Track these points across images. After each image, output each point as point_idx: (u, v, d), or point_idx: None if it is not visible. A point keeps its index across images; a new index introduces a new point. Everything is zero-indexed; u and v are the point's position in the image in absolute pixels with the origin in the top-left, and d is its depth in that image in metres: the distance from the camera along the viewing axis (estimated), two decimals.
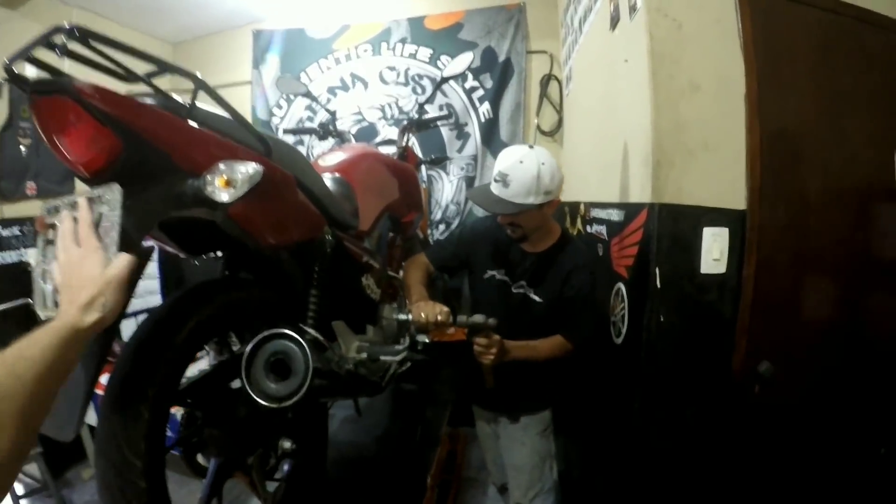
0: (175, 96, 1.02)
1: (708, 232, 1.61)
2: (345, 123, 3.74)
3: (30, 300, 0.89)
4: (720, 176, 1.62)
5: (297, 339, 1.04)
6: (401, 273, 2.16)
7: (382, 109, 3.77)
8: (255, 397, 1.02)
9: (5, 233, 3.02)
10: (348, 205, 1.68)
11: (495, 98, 3.55)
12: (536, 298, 1.87)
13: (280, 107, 3.96)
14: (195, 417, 1.19)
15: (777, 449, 1.69)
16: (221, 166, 0.96)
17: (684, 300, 1.63)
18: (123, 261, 0.79)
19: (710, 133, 1.62)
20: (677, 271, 1.62)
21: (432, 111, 3.29)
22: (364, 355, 1.48)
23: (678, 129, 1.62)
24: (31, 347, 0.67)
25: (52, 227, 0.86)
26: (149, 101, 0.98)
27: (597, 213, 2.28)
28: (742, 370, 1.64)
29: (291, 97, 3.89)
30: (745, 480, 1.68)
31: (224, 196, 0.94)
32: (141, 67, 0.93)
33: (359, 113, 3.80)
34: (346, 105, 3.80)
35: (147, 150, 0.90)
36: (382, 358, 1.50)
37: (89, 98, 0.82)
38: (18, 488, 2.61)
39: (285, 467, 1.44)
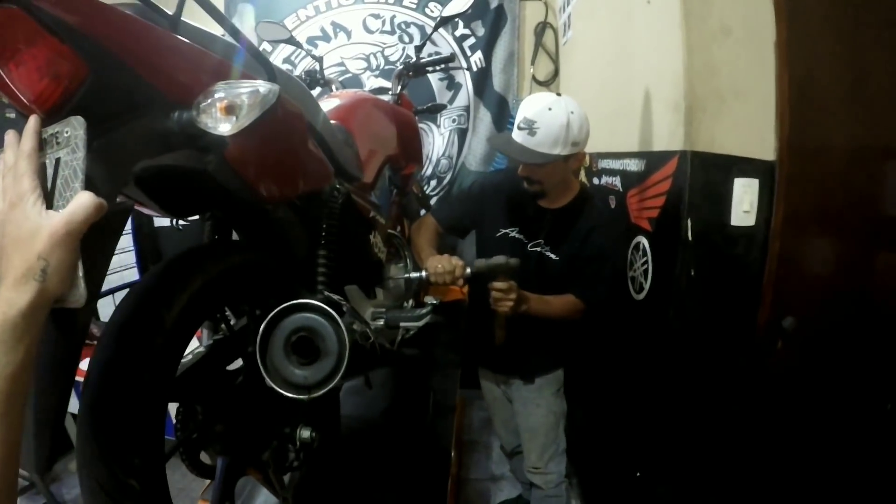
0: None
1: (739, 183, 1.52)
2: (328, 75, 3.53)
3: None
4: (751, 125, 1.53)
5: (325, 311, 0.84)
6: (398, 230, 2.03)
7: (367, 59, 3.56)
8: (278, 389, 0.83)
9: None
10: (351, 154, 1.50)
11: (487, 47, 3.37)
12: (553, 257, 1.78)
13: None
14: (193, 411, 0.95)
15: (793, 405, 1.65)
16: (220, 88, 0.74)
17: (714, 253, 1.56)
18: (78, 208, 0.54)
19: (741, 79, 1.53)
20: (708, 223, 1.54)
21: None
22: (381, 322, 1.30)
23: (710, 73, 1.52)
24: None
25: None
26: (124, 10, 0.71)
27: (608, 163, 2.18)
28: (766, 325, 1.59)
29: (269, 48, 3.64)
30: (765, 438, 1.65)
31: (225, 127, 0.72)
32: None
33: (342, 64, 3.58)
34: (328, 56, 3.55)
35: (121, 74, 0.65)
36: (403, 325, 1.33)
37: (42, 3, 0.57)
38: None
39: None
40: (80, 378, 0.68)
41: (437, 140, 3.57)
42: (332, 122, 1.53)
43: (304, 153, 1.03)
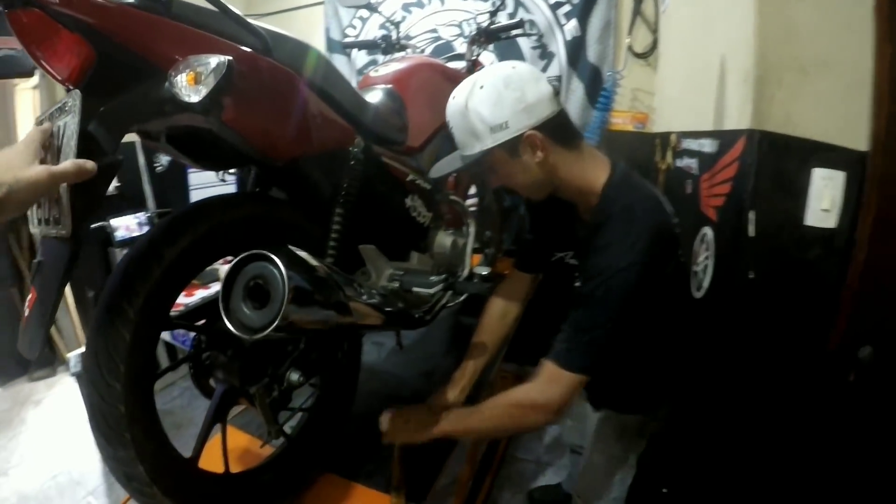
0: None
1: (818, 174, 1.30)
2: (420, 42, 3.51)
3: (105, 223, 0.84)
4: (839, 104, 1.29)
5: (271, 259, 0.88)
6: (467, 202, 1.98)
7: (460, 26, 3.47)
8: (229, 327, 0.88)
9: None
10: (396, 118, 1.54)
11: (583, 14, 3.15)
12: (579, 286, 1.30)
13: (354, 27, 3.75)
14: (201, 340, 1.13)
15: (862, 443, 1.40)
16: (185, 61, 0.84)
17: (780, 255, 1.35)
18: (60, 168, 0.71)
19: (829, 47, 1.28)
20: (776, 218, 1.33)
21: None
22: (396, 284, 1.34)
23: (788, 37, 1.30)
24: None
25: None
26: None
27: (688, 143, 1.96)
28: (838, 350, 1.36)
29: (365, 16, 3.68)
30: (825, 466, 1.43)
31: (193, 96, 0.82)
32: None
33: (434, 30, 3.53)
34: (421, 22, 3.54)
35: (122, 54, 0.81)
36: (415, 290, 1.34)
37: (51, 4, 0.74)
38: None
39: (302, 399, 1.36)
40: None
41: None
42: (383, 86, 1.54)
43: (302, 113, 1.09)
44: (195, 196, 3.65)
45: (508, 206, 2.96)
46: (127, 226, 3.27)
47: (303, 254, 0.98)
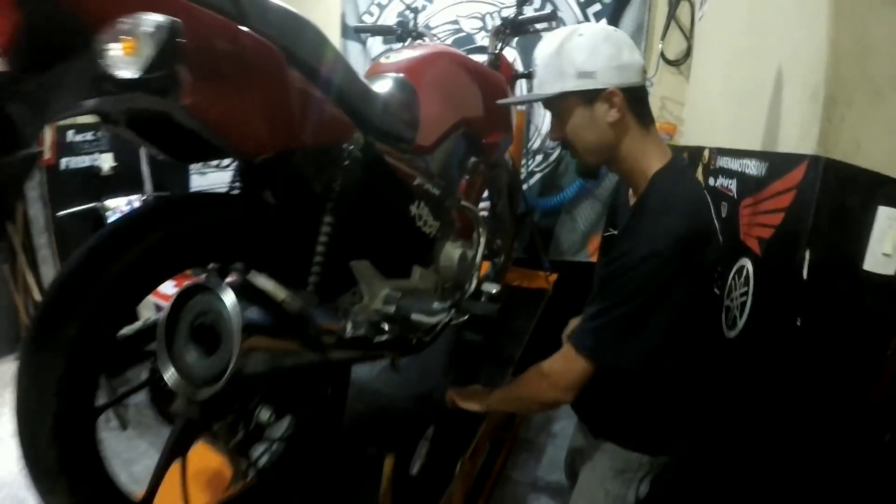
0: None
1: (884, 213, 1.12)
2: (440, 33, 3.35)
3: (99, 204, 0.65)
4: None
5: (218, 293, 0.72)
6: (479, 206, 1.84)
7: (482, 19, 3.30)
8: (173, 377, 0.73)
9: (77, 138, 3.05)
10: (405, 112, 1.36)
11: (614, 15, 2.99)
12: None
13: (371, 14, 3.58)
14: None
15: None
16: (120, 24, 0.64)
17: (833, 302, 1.17)
18: None
19: None
20: (833, 261, 1.15)
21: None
22: (391, 309, 1.18)
23: (864, 53, 1.12)
24: None
25: None
26: None
27: (725, 162, 1.78)
28: (881, 405, 1.20)
29: (384, 3, 3.51)
30: None
31: (126, 70, 0.63)
32: None
33: (455, 21, 3.36)
34: (443, 13, 3.38)
35: (59, 17, 0.63)
36: (414, 317, 1.18)
37: None
38: None
39: (274, 435, 1.19)
40: None
41: (548, 113, 3.26)
42: (393, 74, 1.38)
43: (284, 99, 0.89)
44: (196, 179, 3.49)
45: (522, 212, 2.82)
46: (121, 208, 3.12)
47: (266, 282, 0.80)
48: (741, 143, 1.68)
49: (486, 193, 2.24)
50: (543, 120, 3.28)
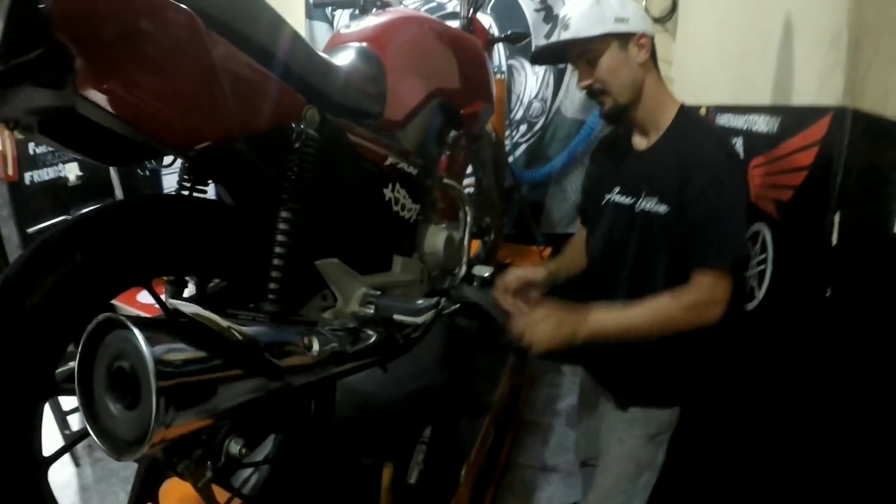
0: None
1: None
2: (409, 3, 3.19)
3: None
4: None
5: (130, 328, 0.59)
6: (464, 184, 1.78)
7: None
8: (94, 437, 0.60)
9: (40, 150, 2.87)
10: (369, 85, 1.25)
11: None
12: (660, 210, 1.25)
13: None
14: None
15: None
16: None
17: (864, 268, 1.09)
18: None
19: None
20: (865, 224, 1.06)
21: None
22: (370, 310, 1.08)
23: None
24: None
25: None
26: None
27: (728, 119, 1.65)
28: None
29: None
30: None
31: None
32: None
33: None
34: None
35: None
36: (397, 318, 1.08)
37: None
38: None
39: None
40: None
41: (529, 79, 3.14)
42: (355, 44, 1.25)
43: (211, 76, 0.76)
44: (168, 180, 3.32)
45: (509, 186, 2.71)
46: None
47: (195, 310, 0.67)
48: (745, 98, 1.58)
49: (469, 169, 2.17)
50: (525, 87, 3.17)
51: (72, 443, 0.89)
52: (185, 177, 0.94)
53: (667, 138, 1.27)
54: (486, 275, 1.42)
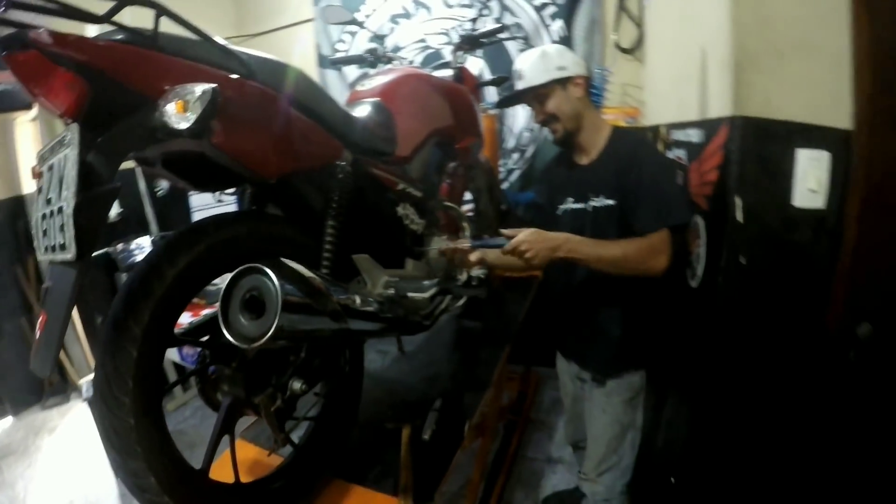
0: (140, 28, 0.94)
1: (803, 155, 1.31)
2: (410, 52, 3.56)
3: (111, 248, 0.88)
4: (820, 85, 1.31)
5: (265, 272, 0.92)
6: (463, 206, 2.03)
7: (447, 34, 3.51)
8: (229, 337, 0.91)
9: None
10: (383, 130, 1.57)
11: (568, 14, 3.19)
12: (609, 203, 1.57)
13: (343, 41, 3.79)
14: (206, 355, 1.16)
15: (864, 424, 1.41)
16: (173, 91, 0.89)
17: (770, 238, 1.37)
18: None
19: (806, 31, 1.31)
20: (763, 203, 1.35)
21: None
22: (391, 291, 1.38)
23: (764, 23, 1.33)
24: None
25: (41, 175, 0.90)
26: (114, 37, 0.92)
27: (677, 134, 1.98)
28: (836, 330, 1.37)
29: (354, 31, 3.73)
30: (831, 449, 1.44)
31: (182, 123, 0.87)
32: (101, 6, 0.86)
33: (423, 40, 3.57)
34: (410, 33, 3.59)
35: (114, 88, 0.86)
36: (410, 295, 1.39)
37: (47, 45, 0.80)
38: None
39: (309, 407, 1.38)
40: None
41: (518, 112, 3.45)
42: (370, 99, 1.58)
43: (288, 131, 1.13)
44: (197, 217, 3.68)
45: (505, 209, 2.99)
46: (145, 246, 3.34)
47: (296, 265, 1.01)
48: (687, 116, 1.88)
49: (468, 196, 2.44)
50: (515, 119, 3.48)
51: (176, 381, 1.26)
52: (252, 200, 1.29)
53: (605, 152, 1.63)
54: (482, 275, 1.70)
